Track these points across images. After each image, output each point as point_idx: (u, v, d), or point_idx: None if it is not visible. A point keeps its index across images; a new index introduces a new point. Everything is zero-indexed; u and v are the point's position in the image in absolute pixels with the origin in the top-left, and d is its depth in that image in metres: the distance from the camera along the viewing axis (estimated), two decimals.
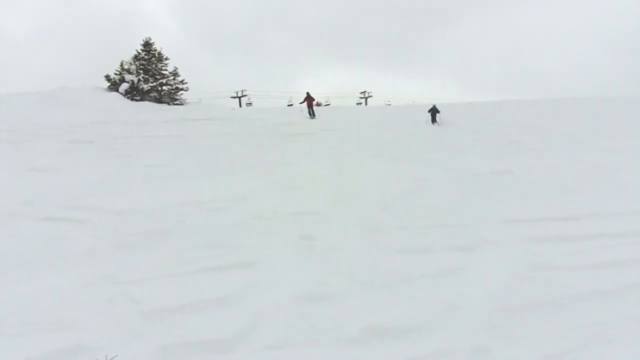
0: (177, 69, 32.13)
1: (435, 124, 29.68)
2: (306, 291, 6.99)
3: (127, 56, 32.05)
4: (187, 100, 32.23)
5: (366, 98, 58.03)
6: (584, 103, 31.34)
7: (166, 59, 32.24)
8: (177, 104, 30.87)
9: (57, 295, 6.97)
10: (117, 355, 5.17)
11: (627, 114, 28.57)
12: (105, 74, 31.30)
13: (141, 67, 31.14)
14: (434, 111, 30.98)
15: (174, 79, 31.83)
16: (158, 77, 31.38)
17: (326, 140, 21.16)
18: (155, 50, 32.11)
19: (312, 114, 32.55)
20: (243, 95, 50.80)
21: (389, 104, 55.88)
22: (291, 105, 49.35)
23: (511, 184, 12.68)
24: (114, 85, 30.81)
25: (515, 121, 25.16)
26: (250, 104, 50.50)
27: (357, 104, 55.39)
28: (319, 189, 12.75)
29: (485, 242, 8.73)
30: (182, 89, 31.94)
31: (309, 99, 33.19)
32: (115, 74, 31.23)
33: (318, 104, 41.67)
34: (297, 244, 8.91)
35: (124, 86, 30.23)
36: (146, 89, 30.51)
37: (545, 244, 8.62)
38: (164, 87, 31.36)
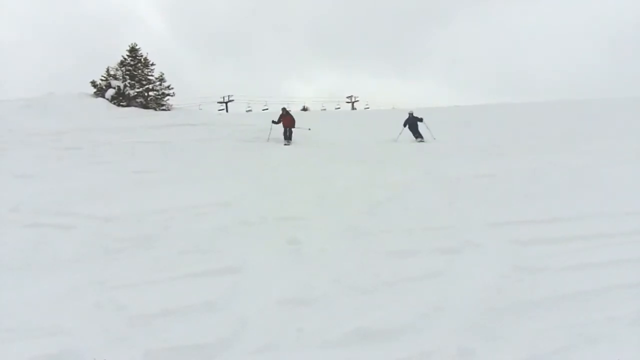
0: (163, 74, 32.10)
1: (420, 140, 24.32)
2: (292, 295, 7.03)
3: (116, 61, 31.97)
4: (173, 106, 32.18)
5: (353, 102, 58.05)
6: (572, 105, 31.56)
7: (152, 64, 32.19)
8: (163, 110, 30.83)
9: (44, 301, 6.98)
10: None
11: (613, 116, 28.77)
12: (91, 80, 31.21)
13: (127, 72, 31.08)
14: (412, 123, 25.26)
15: (160, 85, 31.77)
16: (144, 82, 31.32)
17: (311, 145, 21.25)
18: (142, 55, 32.06)
19: (288, 139, 24.90)
20: (230, 101, 50.78)
21: (367, 108, 56.02)
22: (266, 109, 49.23)
23: (494, 187, 12.75)
24: (100, 91, 30.73)
25: (499, 124, 25.30)
26: (250, 110, 50.33)
27: (336, 108, 55.25)
28: (304, 194, 12.80)
29: (470, 244, 8.79)
30: (168, 95, 31.90)
31: (286, 119, 25.34)
32: (102, 79, 31.15)
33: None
34: (283, 249, 8.94)
35: (110, 92, 30.16)
36: (132, 94, 30.44)
37: (529, 246, 8.69)
38: (150, 93, 31.31)
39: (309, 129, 26.22)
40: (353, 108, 56.22)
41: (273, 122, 25.74)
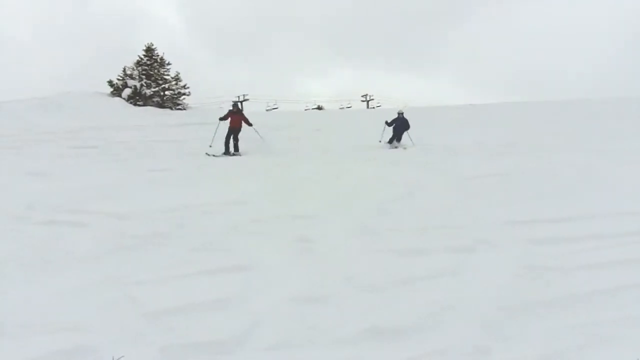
0: (179, 73, 32.33)
1: (398, 146, 21.54)
2: (304, 293, 7.05)
3: (132, 58, 32.20)
4: (189, 105, 32.33)
5: (368, 101, 57.90)
6: (586, 104, 31.34)
7: (168, 64, 32.43)
8: (179, 109, 30.97)
9: (59, 297, 7.03)
10: (123, 356, 5.24)
11: (628, 115, 28.48)
12: (108, 80, 31.49)
13: (143, 72, 31.30)
14: (399, 125, 22.15)
15: (176, 84, 31.98)
16: (160, 82, 31.55)
17: (322, 144, 21.23)
18: (158, 55, 32.31)
19: (230, 148, 20.32)
20: (245, 100, 50.78)
21: (379, 106, 55.77)
22: (275, 108, 48.98)
23: (507, 186, 12.66)
24: (116, 91, 30.97)
25: (512, 123, 25.16)
26: (276, 107, 50.16)
27: (347, 107, 54.99)
28: (316, 192, 12.81)
29: (482, 243, 8.76)
30: (184, 94, 32.09)
31: (234, 118, 20.82)
32: (118, 79, 31.41)
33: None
34: (295, 247, 8.96)
35: (127, 91, 30.42)
36: (148, 94, 30.67)
37: (542, 245, 8.64)
38: (166, 92, 31.52)
39: (262, 139, 21.88)
40: (368, 107, 56.03)
41: (220, 118, 21.30)
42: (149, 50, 32.01)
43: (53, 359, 5.50)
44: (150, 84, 30.83)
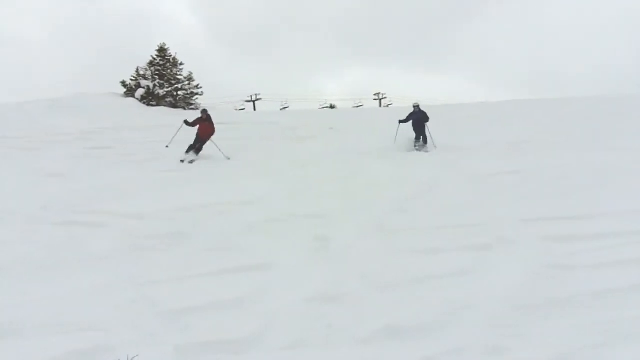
0: (191, 73, 32.37)
1: (421, 147, 19.22)
2: (320, 292, 7.06)
3: (145, 58, 32.33)
4: (201, 105, 32.39)
5: (380, 100, 57.78)
6: (603, 102, 31.09)
7: (181, 64, 32.49)
8: (192, 109, 31.03)
9: (77, 297, 7.08)
10: (137, 355, 5.25)
11: None
12: (122, 80, 31.60)
13: (156, 72, 31.37)
14: (417, 119, 19.65)
15: (189, 84, 32.04)
16: (173, 82, 31.60)
17: (337, 142, 21.19)
18: (170, 55, 32.36)
19: (194, 151, 18.55)
20: (258, 99, 50.85)
21: (391, 104, 55.57)
22: (286, 107, 48.70)
23: (523, 183, 12.55)
24: (130, 91, 31.07)
25: (527, 121, 24.98)
26: (287, 107, 50.04)
27: (358, 106, 54.64)
28: (331, 191, 12.78)
29: (499, 241, 8.70)
30: (197, 94, 32.14)
31: (204, 126, 19.09)
32: (131, 79, 31.50)
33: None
34: (311, 246, 8.98)
35: (140, 92, 30.48)
36: (162, 94, 30.73)
37: (560, 242, 8.56)
38: (179, 92, 31.57)
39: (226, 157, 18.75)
40: (380, 105, 55.88)
41: (186, 122, 19.28)
42: (162, 50, 32.09)
43: (71, 359, 5.53)
44: (163, 84, 30.89)
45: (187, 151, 18.63)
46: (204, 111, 19.88)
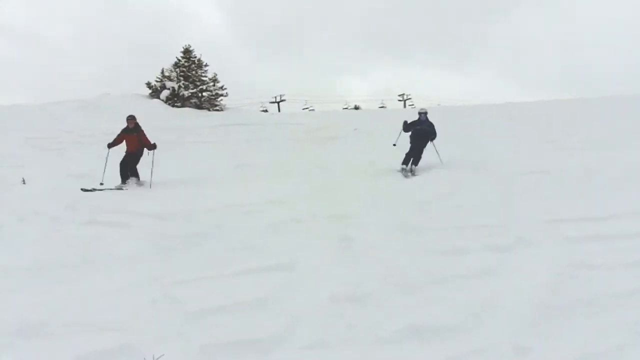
0: (216, 74, 32.49)
1: (407, 173, 14.81)
2: (343, 292, 7.04)
3: (171, 59, 32.54)
4: (226, 106, 32.49)
5: (405, 100, 57.66)
6: (630, 100, 30.72)
7: (206, 65, 32.62)
8: (217, 110, 31.14)
9: (101, 297, 7.13)
10: (163, 355, 5.25)
11: None
12: (147, 82, 31.82)
13: (181, 73, 31.53)
14: (419, 132, 15.52)
15: (213, 85, 32.15)
16: (198, 83, 31.73)
17: (360, 143, 21.16)
18: (195, 57, 32.51)
19: (128, 176, 14.63)
20: (282, 100, 50.96)
21: (412, 105, 55.36)
22: (307, 108, 48.48)
23: (548, 183, 12.40)
24: (155, 92, 31.26)
25: (554, 120, 24.72)
26: (312, 109, 50.04)
27: (379, 107, 54.06)
28: (355, 192, 12.74)
29: (523, 242, 8.63)
30: (221, 95, 32.24)
31: (131, 139, 15.15)
32: (156, 81, 31.69)
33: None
34: (334, 246, 8.98)
35: (165, 93, 30.66)
36: (186, 95, 30.87)
37: (584, 243, 8.46)
38: (204, 93, 31.69)
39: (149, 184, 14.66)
40: (405, 106, 55.73)
41: (109, 145, 15.11)
42: (187, 51, 32.26)
43: (95, 358, 5.54)
44: (188, 85, 31.04)
45: (123, 181, 14.52)
46: (131, 118, 15.43)
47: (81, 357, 5.55)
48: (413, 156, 15.41)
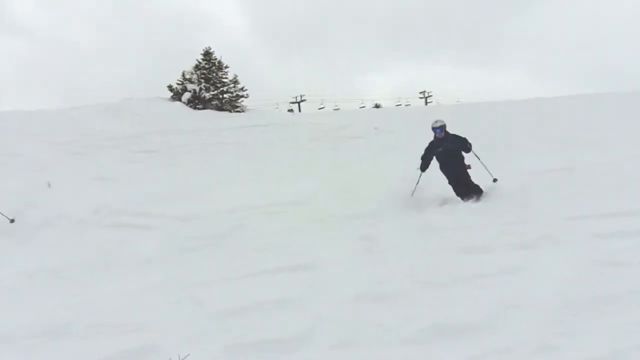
0: (237, 76, 32.64)
1: (469, 199, 11.34)
2: (367, 291, 7.00)
3: (191, 62, 32.74)
4: (247, 107, 32.62)
5: (426, 98, 57.37)
6: None
7: (226, 66, 32.79)
8: (237, 111, 31.29)
9: (125, 298, 7.20)
10: (188, 355, 5.29)
11: None
12: (168, 85, 32.05)
13: (202, 76, 31.71)
14: (446, 153, 11.60)
15: (234, 87, 32.30)
16: (219, 85, 31.91)
17: (381, 142, 21.12)
18: (216, 59, 32.68)
19: None
20: (302, 100, 50.92)
21: (430, 102, 55.06)
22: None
23: (572, 180, 12.23)
24: (176, 95, 31.47)
25: (576, 116, 24.48)
26: (337, 108, 49.84)
27: (397, 105, 53.46)
28: (375, 191, 12.70)
29: (547, 239, 8.49)
30: (242, 96, 32.38)
31: None
32: (178, 83, 31.91)
33: None
34: (356, 245, 8.96)
35: (186, 95, 30.86)
36: (208, 97, 31.05)
37: (609, 239, 8.28)
38: (224, 95, 31.85)
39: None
40: (426, 104, 55.47)
41: None
42: (207, 54, 32.46)
43: (121, 359, 5.61)
44: (209, 87, 31.22)
45: None
46: None
47: (106, 358, 5.59)
48: (459, 191, 11.62)
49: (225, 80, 32.42)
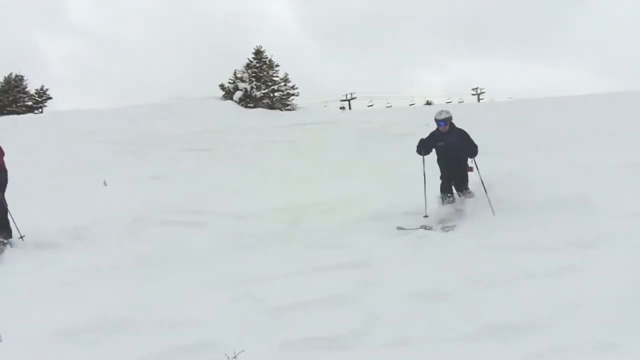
0: (287, 74, 32.87)
1: (454, 202, 10.82)
2: (420, 289, 6.93)
3: (243, 60, 33.05)
4: (298, 105, 32.77)
5: (478, 94, 56.71)
6: None
7: (277, 65, 33.04)
8: (288, 110, 31.47)
9: (181, 294, 7.29)
10: (243, 350, 5.34)
11: None
12: (220, 84, 32.44)
13: (253, 74, 31.99)
14: (447, 147, 10.83)
15: (284, 85, 32.50)
16: (270, 83, 32.17)
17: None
18: (266, 57, 32.97)
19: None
20: (352, 98, 50.88)
21: (482, 99, 54.31)
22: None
23: (631, 176, 11.91)
24: (228, 94, 31.80)
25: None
26: (389, 105, 49.67)
27: (447, 102, 52.62)
28: (429, 188, 12.59)
29: (610, 236, 8.24)
30: (293, 95, 32.57)
31: None
32: (229, 82, 32.25)
33: None
34: (411, 243, 8.91)
35: (238, 94, 31.17)
36: (259, 96, 31.30)
37: None
38: (275, 94, 32.07)
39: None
40: (479, 100, 54.83)
41: None
42: (258, 52, 32.79)
43: (178, 354, 5.68)
44: (260, 86, 31.48)
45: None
46: None
47: (164, 353, 5.64)
48: (449, 182, 11.02)
49: (275, 78, 32.69)
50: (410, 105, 48.13)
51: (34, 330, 6.26)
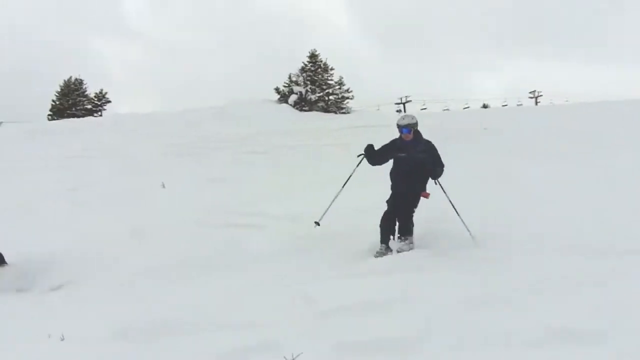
0: (342, 78, 32.93)
1: (387, 251, 8.81)
2: (476, 294, 6.85)
3: (297, 63, 33.28)
4: (352, 109, 32.79)
5: (536, 98, 55.83)
6: None
7: (331, 69, 33.13)
8: (343, 113, 31.49)
9: (241, 295, 7.38)
10: (302, 353, 5.31)
11: None
12: (275, 87, 32.71)
13: (308, 78, 32.13)
14: (404, 162, 9.34)
15: (339, 89, 32.56)
16: (324, 87, 32.29)
17: (491, 143, 20.66)
18: (321, 61, 33.12)
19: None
20: (407, 101, 50.68)
21: (539, 102, 53.31)
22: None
23: None
24: (283, 97, 32.03)
25: None
26: (447, 109, 49.41)
27: (503, 105, 51.81)
28: (482, 191, 12.42)
29: None
30: (347, 98, 32.61)
31: None
32: (284, 86, 32.48)
33: None
34: (466, 246, 8.82)
35: (293, 97, 31.39)
36: (313, 99, 31.44)
37: None
38: (330, 97, 32.15)
39: None
40: (537, 104, 53.93)
41: None
42: (313, 56, 32.97)
43: (236, 355, 5.74)
44: (314, 89, 31.63)
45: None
46: None
47: (224, 355, 5.70)
48: (396, 216, 9.36)
49: (330, 82, 32.77)
50: (465, 108, 47.62)
51: (94, 331, 6.36)
